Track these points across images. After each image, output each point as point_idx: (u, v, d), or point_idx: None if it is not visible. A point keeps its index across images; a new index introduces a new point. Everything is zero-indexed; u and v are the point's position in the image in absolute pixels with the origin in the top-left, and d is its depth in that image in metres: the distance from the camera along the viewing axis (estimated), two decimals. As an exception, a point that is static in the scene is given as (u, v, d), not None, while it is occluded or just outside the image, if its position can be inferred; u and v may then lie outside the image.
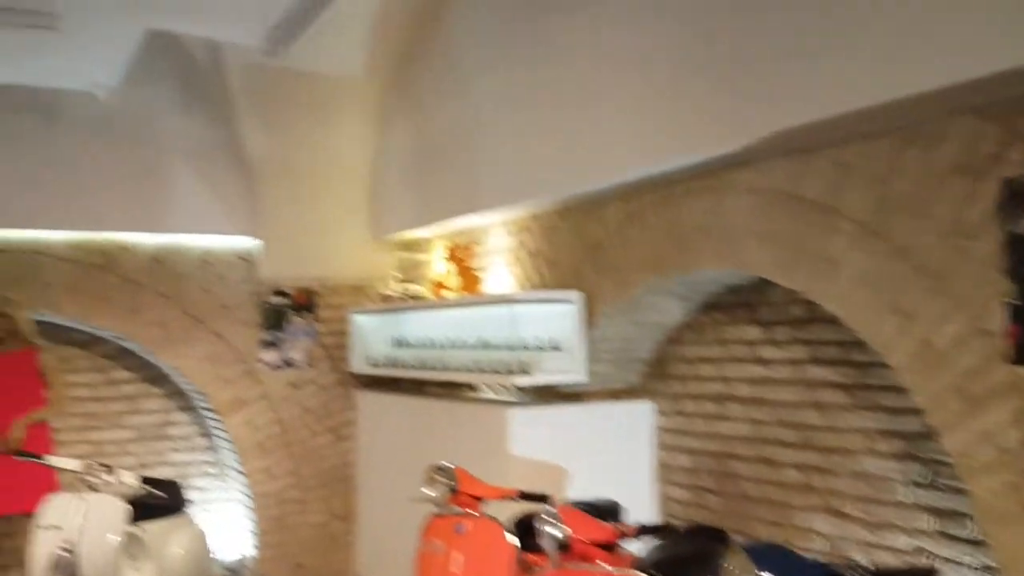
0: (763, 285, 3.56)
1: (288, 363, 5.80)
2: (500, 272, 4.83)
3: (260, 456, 5.66)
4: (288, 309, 5.81)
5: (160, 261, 5.49)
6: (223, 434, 5.72)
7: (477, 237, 5.13)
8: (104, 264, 5.32)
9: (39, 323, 5.19)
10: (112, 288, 5.33)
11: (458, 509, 3.14)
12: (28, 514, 4.59)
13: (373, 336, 5.78)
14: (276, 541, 5.65)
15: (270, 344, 5.74)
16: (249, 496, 5.65)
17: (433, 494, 3.19)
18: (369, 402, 5.80)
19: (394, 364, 5.48)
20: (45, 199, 5.09)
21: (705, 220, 3.45)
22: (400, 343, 5.56)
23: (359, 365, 5.79)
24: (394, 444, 5.42)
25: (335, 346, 5.92)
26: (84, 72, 4.33)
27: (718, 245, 3.40)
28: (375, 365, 5.66)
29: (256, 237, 5.67)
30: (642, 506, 4.06)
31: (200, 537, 4.77)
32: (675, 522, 4.04)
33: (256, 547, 5.65)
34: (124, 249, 5.39)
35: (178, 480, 4.89)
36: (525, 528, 2.86)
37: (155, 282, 5.45)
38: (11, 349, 4.72)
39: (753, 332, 3.77)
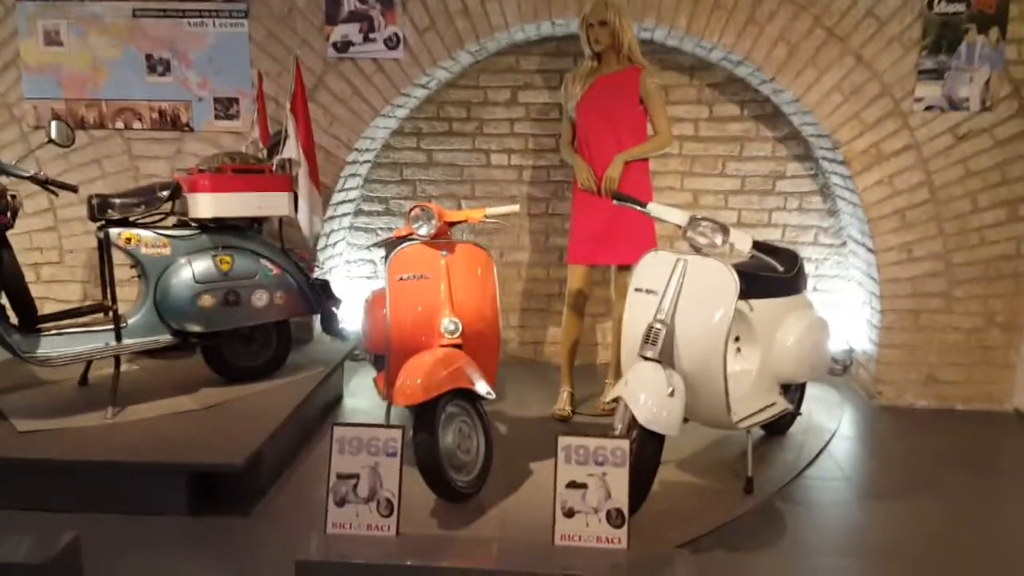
0: None
1: (953, 103, 4.05)
2: None
3: (897, 229, 4.20)
4: (965, 22, 3.96)
5: (792, -49, 4.05)
6: (849, 195, 4.37)
7: None
8: (722, -43, 4.10)
9: (644, 40, 4.31)
10: (731, -10, 4.12)
11: None
12: (623, 266, 4.02)
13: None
14: (904, 342, 4.29)
15: (931, 73, 4.04)
16: (875, 279, 4.31)
17: None
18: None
19: None
20: None
21: None
22: None
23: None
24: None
25: (1033, 82, 3.96)
26: None
27: None
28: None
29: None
30: None
31: (819, 327, 3.66)
32: None
33: (875, 344, 4.37)
34: (748, -65, 4.06)
35: (798, 252, 3.75)
36: None
37: (784, -19, 4.08)
38: (611, 70, 3.90)
39: None
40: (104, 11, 4.32)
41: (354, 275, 5.10)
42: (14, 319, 3.47)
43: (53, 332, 3.48)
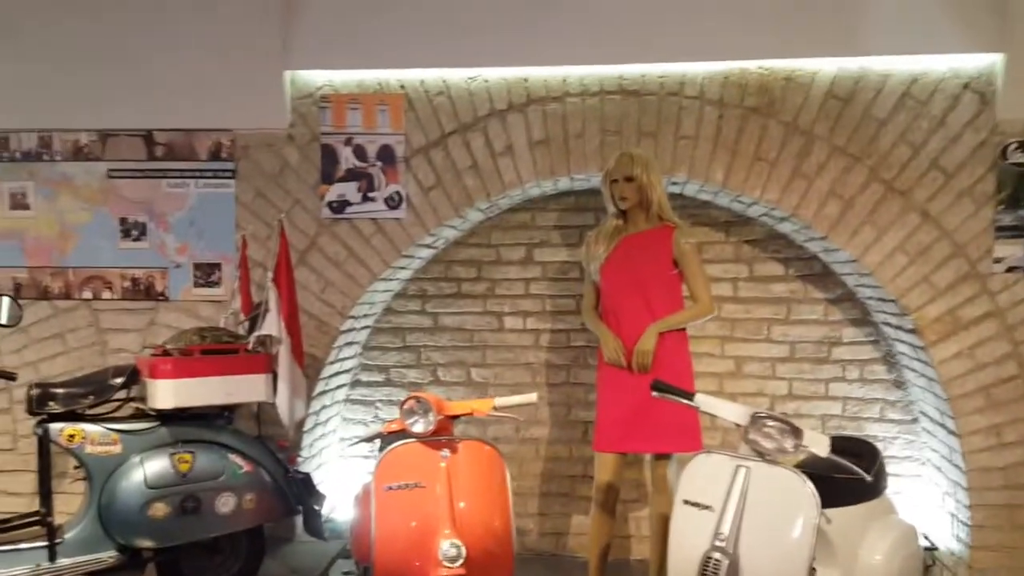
0: None
1: (1039, 264, 3.52)
2: None
3: (983, 409, 3.56)
4: (1047, 173, 3.49)
5: (841, 99, 3.62)
6: (921, 368, 3.76)
7: None
8: (762, 107, 3.67)
9: (672, 195, 3.86)
10: (771, 142, 3.67)
11: None
12: (661, 455, 3.39)
13: None
14: (1000, 542, 3.56)
15: (1011, 231, 3.52)
16: (959, 467, 3.63)
17: None
18: None
19: None
20: (688, 21, 3.62)
21: None
22: None
23: None
24: None
25: None
26: None
27: None
28: None
29: (998, 51, 3.43)
30: None
31: (909, 537, 2.98)
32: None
33: (965, 544, 3.64)
34: (790, 83, 3.65)
35: (876, 446, 3.11)
36: None
37: (832, 131, 3.63)
38: (639, 229, 3.41)
39: None
40: (76, 172, 3.95)
41: (349, 455, 4.47)
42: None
43: (-29, 552, 2.86)
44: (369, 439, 3.04)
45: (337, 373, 4.24)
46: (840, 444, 2.94)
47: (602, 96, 3.77)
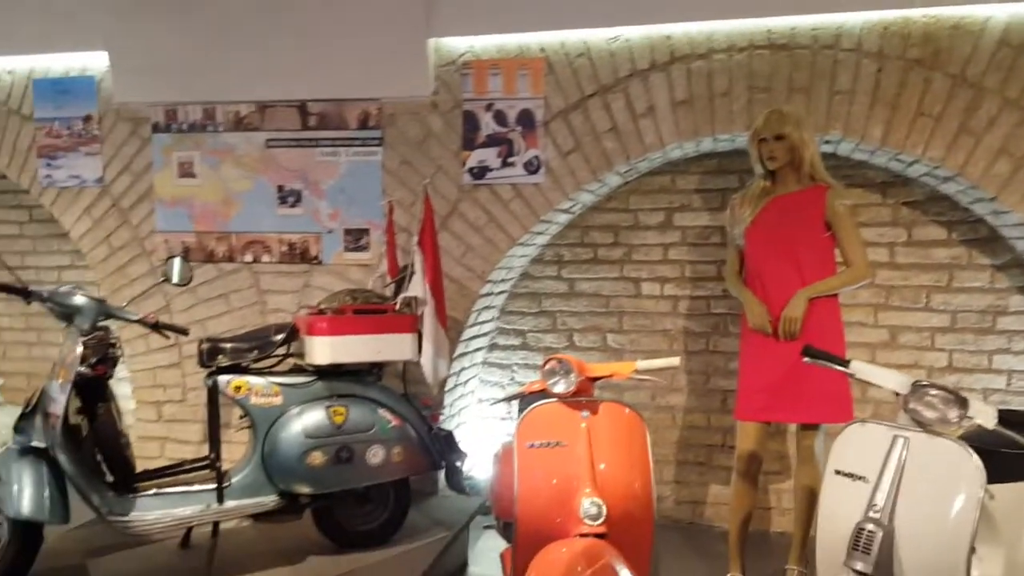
0: None
1: None
2: None
3: None
4: None
5: (1015, 48, 3.33)
6: (1103, 340, 3.45)
7: None
8: (926, 58, 3.43)
9: (824, 154, 3.68)
10: (935, 96, 3.43)
11: None
12: (807, 425, 3.29)
13: None
14: None
15: None
16: None
17: None
18: None
19: None
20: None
21: None
22: None
23: None
24: None
25: None
26: None
27: None
28: None
29: None
30: None
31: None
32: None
33: None
34: (958, 31, 3.39)
35: (1052, 418, 2.87)
36: None
37: (1005, 83, 3.35)
38: (789, 191, 3.28)
39: None
40: (238, 142, 4.19)
41: (487, 415, 4.58)
42: (110, 477, 3.16)
43: (151, 492, 3.13)
44: (509, 399, 3.10)
45: (476, 336, 4.34)
46: (1007, 416, 2.76)
47: (750, 51, 3.63)
